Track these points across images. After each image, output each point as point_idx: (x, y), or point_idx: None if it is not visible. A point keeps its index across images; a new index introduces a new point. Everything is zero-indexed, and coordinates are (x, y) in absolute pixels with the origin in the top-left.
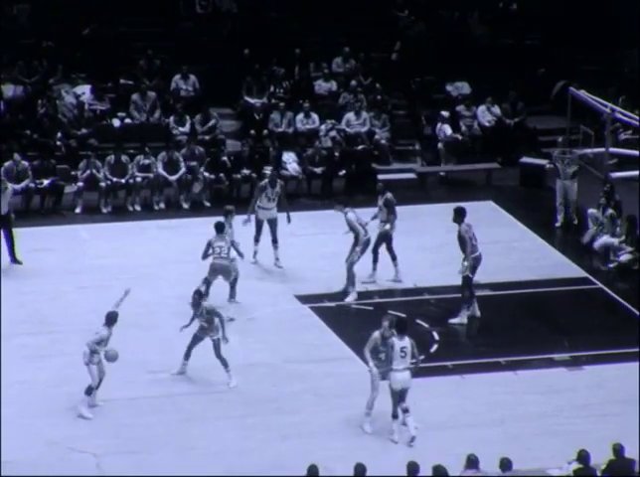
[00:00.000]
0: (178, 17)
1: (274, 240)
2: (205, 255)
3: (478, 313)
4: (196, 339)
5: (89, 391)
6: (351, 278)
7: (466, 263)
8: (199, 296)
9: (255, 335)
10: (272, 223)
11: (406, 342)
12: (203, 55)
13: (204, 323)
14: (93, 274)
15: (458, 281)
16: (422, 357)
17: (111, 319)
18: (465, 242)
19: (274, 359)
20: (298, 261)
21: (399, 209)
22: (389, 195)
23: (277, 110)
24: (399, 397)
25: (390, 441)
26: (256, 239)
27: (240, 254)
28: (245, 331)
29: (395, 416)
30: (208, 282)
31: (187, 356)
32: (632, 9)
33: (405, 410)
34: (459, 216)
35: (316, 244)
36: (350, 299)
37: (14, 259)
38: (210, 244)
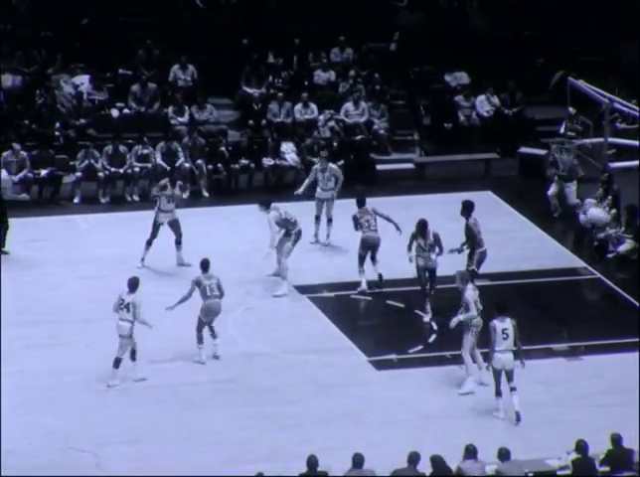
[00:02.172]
0: (177, 7)
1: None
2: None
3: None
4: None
5: (133, 356)
6: (284, 271)
7: (475, 257)
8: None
9: (254, 325)
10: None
11: (508, 323)
12: (201, 45)
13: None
14: (92, 264)
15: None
16: (421, 347)
17: (132, 284)
18: (474, 236)
19: (273, 349)
20: (296, 252)
21: (397, 199)
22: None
23: (276, 100)
24: (501, 376)
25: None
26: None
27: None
28: (244, 321)
29: (498, 394)
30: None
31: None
32: None
33: (513, 389)
34: (467, 210)
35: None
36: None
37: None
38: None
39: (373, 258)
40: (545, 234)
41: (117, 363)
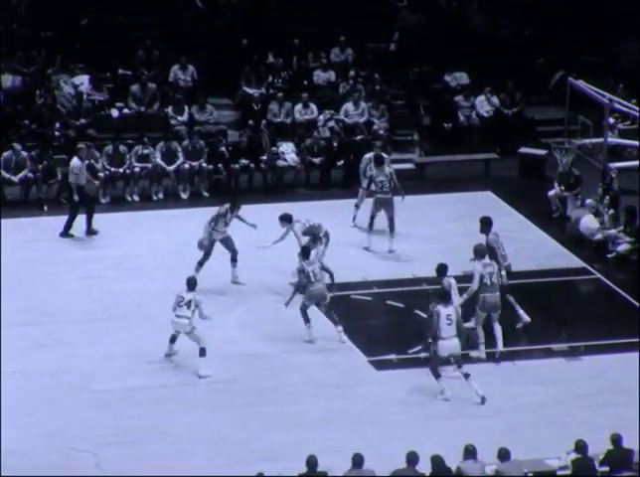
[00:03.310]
0: (177, 7)
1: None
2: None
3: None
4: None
5: (201, 352)
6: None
7: (503, 273)
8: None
9: (254, 325)
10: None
11: (451, 309)
12: (201, 45)
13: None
14: (93, 264)
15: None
16: (419, 348)
17: (191, 283)
18: (496, 253)
19: (273, 349)
20: (297, 251)
21: (397, 199)
22: None
23: (276, 101)
24: (445, 363)
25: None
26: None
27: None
28: (244, 321)
29: (438, 376)
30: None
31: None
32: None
33: (466, 375)
34: (486, 226)
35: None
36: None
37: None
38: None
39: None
40: (544, 234)
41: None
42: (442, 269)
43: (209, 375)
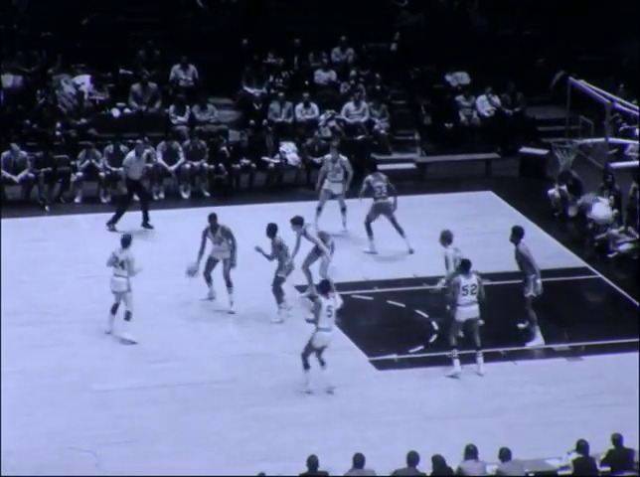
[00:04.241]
0: (177, 7)
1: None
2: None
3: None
4: (210, 261)
5: (127, 316)
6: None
7: (539, 281)
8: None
9: (254, 325)
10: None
11: (331, 301)
12: (202, 45)
13: (216, 244)
14: (93, 264)
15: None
16: (422, 347)
17: (125, 241)
18: (531, 262)
19: (273, 349)
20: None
21: (397, 199)
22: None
23: (277, 100)
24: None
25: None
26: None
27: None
28: (245, 321)
29: (306, 367)
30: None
31: (209, 281)
32: None
33: (322, 363)
34: (517, 235)
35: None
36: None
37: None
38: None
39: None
40: (545, 233)
41: (114, 309)
42: (446, 236)
43: (133, 340)
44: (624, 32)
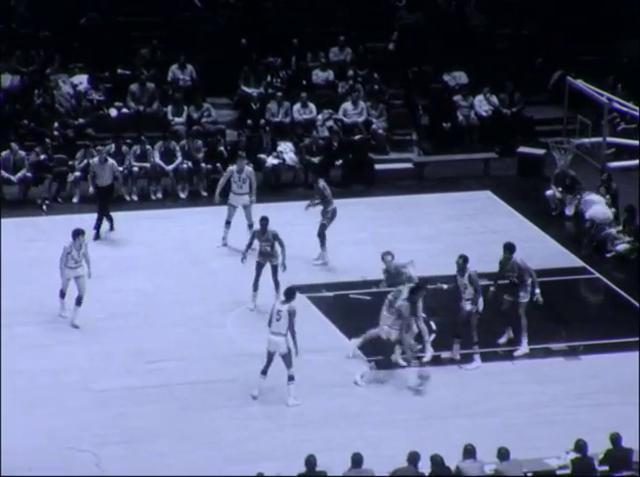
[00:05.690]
0: (175, 7)
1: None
2: None
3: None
4: (259, 266)
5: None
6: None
7: (537, 291)
8: (266, 222)
9: (254, 325)
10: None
11: (285, 307)
12: (200, 45)
13: (267, 248)
14: (92, 264)
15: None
16: (420, 346)
17: (76, 233)
18: (531, 272)
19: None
20: (295, 251)
21: (396, 198)
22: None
23: (274, 100)
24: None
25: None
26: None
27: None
28: (244, 321)
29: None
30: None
31: (255, 287)
32: None
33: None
34: (509, 252)
35: (313, 234)
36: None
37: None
38: None
39: None
40: (543, 233)
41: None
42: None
43: (77, 326)
44: (623, 31)
